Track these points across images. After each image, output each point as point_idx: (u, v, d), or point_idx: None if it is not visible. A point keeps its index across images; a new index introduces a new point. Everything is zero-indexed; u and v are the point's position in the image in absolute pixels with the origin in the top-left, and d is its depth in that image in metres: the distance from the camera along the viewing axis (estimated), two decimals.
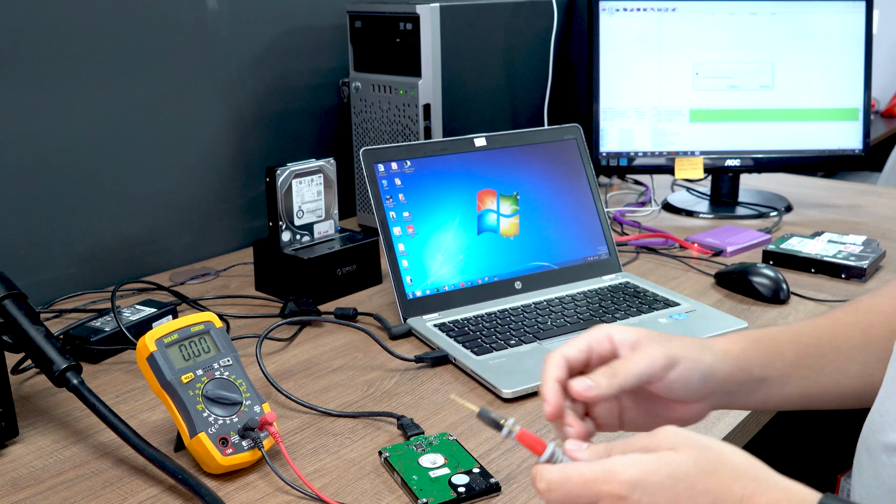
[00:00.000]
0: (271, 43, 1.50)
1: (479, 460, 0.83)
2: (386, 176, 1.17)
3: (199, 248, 1.46)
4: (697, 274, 1.35)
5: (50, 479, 0.83)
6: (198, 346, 0.84)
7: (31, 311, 0.89)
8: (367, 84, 1.47)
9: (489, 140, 1.24)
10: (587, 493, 0.55)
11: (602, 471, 0.55)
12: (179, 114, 1.39)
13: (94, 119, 1.28)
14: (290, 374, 1.04)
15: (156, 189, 1.38)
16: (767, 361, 0.71)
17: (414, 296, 1.15)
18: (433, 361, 1.04)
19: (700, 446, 0.56)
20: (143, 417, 0.93)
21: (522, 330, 1.10)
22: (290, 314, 1.16)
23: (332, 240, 1.30)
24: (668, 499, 0.54)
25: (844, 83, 1.64)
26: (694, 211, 1.68)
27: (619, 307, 1.17)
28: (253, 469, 0.83)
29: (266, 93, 1.51)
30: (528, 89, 1.64)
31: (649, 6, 1.62)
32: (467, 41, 1.47)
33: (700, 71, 1.63)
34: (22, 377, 1.02)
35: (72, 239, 1.29)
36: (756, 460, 0.56)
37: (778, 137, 1.65)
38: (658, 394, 0.67)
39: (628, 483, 0.54)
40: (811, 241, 1.41)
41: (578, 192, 1.29)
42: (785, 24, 1.62)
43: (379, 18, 1.44)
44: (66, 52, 1.23)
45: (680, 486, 0.54)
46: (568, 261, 1.26)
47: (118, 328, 1.08)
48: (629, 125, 1.65)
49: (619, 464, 0.55)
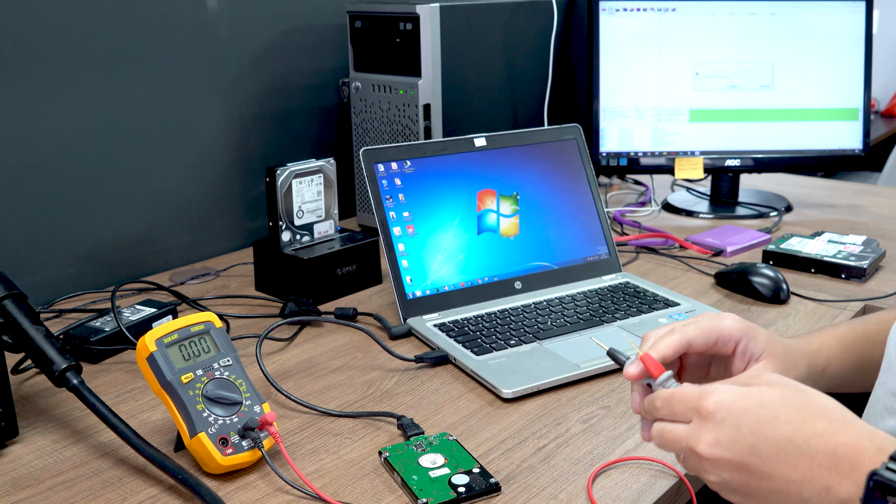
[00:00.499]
0: (271, 43, 1.50)
1: (478, 460, 0.83)
2: (386, 176, 1.17)
3: (199, 248, 1.46)
4: (697, 274, 1.35)
5: (50, 479, 0.83)
6: (198, 346, 0.84)
7: (31, 311, 0.89)
8: (367, 84, 1.47)
9: (489, 140, 1.24)
10: (686, 409, 0.61)
11: (701, 391, 0.60)
12: (179, 114, 1.39)
13: (94, 119, 1.28)
14: (290, 374, 1.04)
15: (156, 189, 1.38)
16: (845, 357, 0.78)
17: (414, 296, 1.15)
18: (433, 361, 1.04)
19: (793, 386, 0.59)
20: (143, 417, 0.93)
21: (522, 330, 1.10)
22: (290, 314, 1.16)
23: (332, 240, 1.30)
24: (750, 423, 0.56)
25: (844, 83, 1.64)
26: (694, 211, 1.68)
27: (619, 307, 1.17)
28: (253, 469, 0.83)
29: (266, 93, 1.51)
30: (528, 89, 1.64)
31: (649, 6, 1.62)
32: (467, 41, 1.47)
33: (700, 71, 1.63)
34: (22, 377, 1.03)
35: (72, 239, 1.29)
36: (847, 410, 0.58)
37: (778, 137, 1.65)
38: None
39: (717, 403, 0.59)
40: (811, 241, 1.41)
41: (578, 192, 1.29)
42: (785, 24, 1.62)
43: (379, 18, 1.44)
44: (66, 52, 1.24)
45: (763, 413, 0.56)
46: (568, 261, 1.26)
47: (118, 328, 1.08)
48: (629, 125, 1.65)
49: (717, 388, 0.60)
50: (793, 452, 0.55)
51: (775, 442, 0.55)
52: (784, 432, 0.55)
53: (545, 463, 0.84)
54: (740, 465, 0.57)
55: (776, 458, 0.55)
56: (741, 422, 0.57)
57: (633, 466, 0.83)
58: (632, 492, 0.79)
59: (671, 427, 0.62)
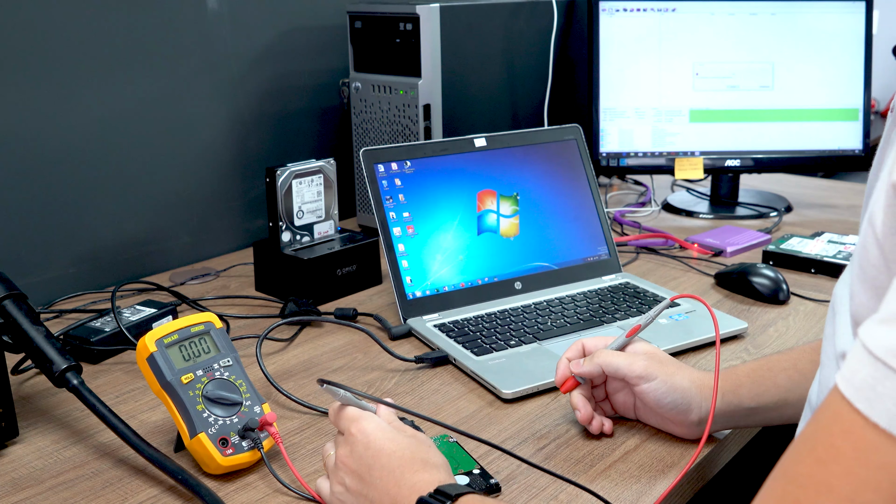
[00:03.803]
0: (271, 43, 1.50)
1: (478, 461, 0.83)
2: (386, 176, 1.17)
3: (199, 248, 1.46)
4: (697, 274, 1.35)
5: (50, 480, 0.83)
6: (198, 347, 0.84)
7: (31, 311, 0.89)
8: (367, 84, 1.47)
9: (489, 140, 1.24)
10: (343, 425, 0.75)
11: (358, 415, 0.75)
12: (179, 114, 1.39)
13: (94, 119, 1.28)
14: (290, 374, 1.04)
15: (156, 189, 1.38)
16: (760, 391, 0.81)
17: (414, 296, 1.15)
18: (433, 362, 1.04)
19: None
20: (143, 418, 0.93)
21: (522, 330, 1.10)
22: (290, 314, 1.16)
23: (332, 240, 1.30)
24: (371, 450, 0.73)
25: (844, 83, 1.64)
26: (694, 211, 1.68)
27: (619, 307, 1.17)
28: (253, 469, 0.83)
29: (266, 93, 1.51)
30: (528, 89, 1.64)
31: (649, 6, 1.62)
32: (467, 41, 1.47)
33: (700, 71, 1.63)
34: (22, 377, 1.03)
35: (72, 239, 1.29)
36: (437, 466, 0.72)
37: (778, 137, 1.65)
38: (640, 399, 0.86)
39: (358, 428, 0.74)
40: (811, 241, 1.41)
41: (578, 193, 1.29)
42: (785, 24, 1.62)
43: (379, 19, 1.44)
44: (66, 53, 1.24)
45: (385, 447, 0.73)
46: (568, 261, 1.26)
47: (118, 328, 1.08)
48: (629, 125, 1.65)
49: (366, 415, 0.75)
50: (390, 476, 0.70)
51: (382, 467, 0.70)
52: (388, 464, 0.71)
53: (545, 463, 0.84)
54: (358, 474, 0.71)
55: (381, 476, 0.70)
56: (369, 447, 0.71)
57: (633, 466, 0.83)
58: (632, 492, 0.79)
59: (337, 435, 0.76)
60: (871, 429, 0.43)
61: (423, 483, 0.68)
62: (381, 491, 0.69)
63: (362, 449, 0.71)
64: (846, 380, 0.46)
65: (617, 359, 0.85)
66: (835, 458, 0.45)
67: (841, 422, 0.45)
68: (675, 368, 0.85)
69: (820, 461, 0.46)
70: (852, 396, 0.45)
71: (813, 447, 0.47)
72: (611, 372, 0.85)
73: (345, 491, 0.72)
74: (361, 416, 0.74)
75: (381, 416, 0.76)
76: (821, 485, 0.45)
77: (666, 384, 0.83)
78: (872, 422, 0.43)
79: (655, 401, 0.84)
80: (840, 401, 0.45)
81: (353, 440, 0.72)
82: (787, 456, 0.49)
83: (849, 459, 0.44)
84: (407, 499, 0.67)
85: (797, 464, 0.48)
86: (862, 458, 0.44)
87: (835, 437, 0.45)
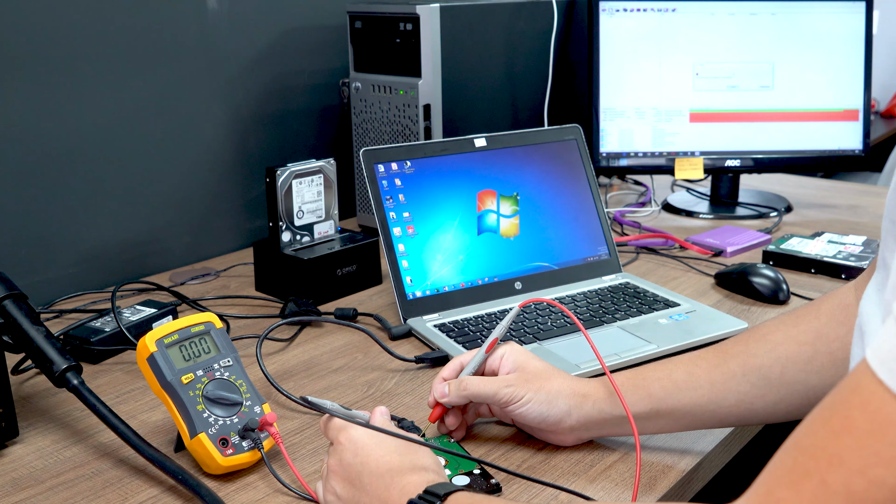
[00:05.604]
0: (271, 43, 1.50)
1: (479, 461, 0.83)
2: (386, 176, 1.17)
3: (199, 248, 1.46)
4: (697, 274, 1.35)
5: (50, 480, 0.83)
6: (198, 347, 0.84)
7: (31, 311, 0.89)
8: (367, 84, 1.47)
9: (489, 140, 1.24)
10: (331, 434, 0.77)
11: (343, 425, 0.76)
12: (179, 114, 1.39)
13: (95, 119, 1.28)
14: (290, 374, 1.04)
15: (156, 189, 1.38)
16: (633, 401, 0.81)
17: (414, 296, 1.15)
18: (433, 362, 1.04)
19: None
20: (144, 418, 0.93)
21: (522, 330, 1.10)
22: (290, 314, 1.16)
23: (333, 240, 1.30)
24: (361, 457, 0.74)
25: (844, 83, 1.64)
26: (694, 211, 1.68)
27: (619, 307, 1.17)
28: (253, 470, 0.83)
29: (266, 93, 1.51)
30: (528, 89, 1.64)
31: (649, 6, 1.62)
32: (467, 41, 1.47)
33: (700, 71, 1.63)
34: (22, 377, 1.03)
35: (72, 239, 1.29)
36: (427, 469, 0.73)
37: (778, 137, 1.65)
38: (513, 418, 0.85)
39: (347, 436, 0.75)
40: (811, 241, 1.41)
41: (578, 193, 1.29)
42: (785, 24, 1.62)
43: (379, 19, 1.44)
44: (67, 53, 1.23)
45: (371, 455, 0.74)
46: (568, 261, 1.26)
47: (118, 328, 1.08)
48: (629, 125, 1.65)
49: (351, 426, 0.76)
50: (380, 482, 0.71)
51: (371, 473, 0.71)
52: (377, 469, 0.72)
53: (545, 463, 0.84)
54: (348, 481, 0.73)
55: (371, 481, 0.71)
56: (357, 453, 0.73)
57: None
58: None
59: (329, 446, 0.77)
60: (891, 401, 0.42)
61: (412, 485, 0.68)
62: (371, 496, 0.70)
63: (351, 456, 0.72)
64: (873, 350, 0.44)
65: (483, 388, 0.83)
66: (849, 429, 0.44)
67: (861, 393, 0.44)
68: (543, 381, 0.84)
69: (834, 432, 0.45)
70: (877, 367, 0.43)
71: (829, 418, 0.46)
72: (478, 401, 0.85)
73: (336, 499, 0.73)
74: (348, 424, 0.75)
75: (375, 419, 0.77)
76: (833, 456, 0.44)
77: (532, 401, 0.82)
78: (893, 392, 0.42)
79: (522, 418, 0.84)
80: (864, 371, 0.44)
81: (342, 448, 0.73)
82: (802, 426, 0.47)
83: (863, 432, 0.43)
84: (397, 502, 0.68)
85: (810, 434, 0.47)
86: (877, 431, 0.43)
87: (852, 409, 0.44)
